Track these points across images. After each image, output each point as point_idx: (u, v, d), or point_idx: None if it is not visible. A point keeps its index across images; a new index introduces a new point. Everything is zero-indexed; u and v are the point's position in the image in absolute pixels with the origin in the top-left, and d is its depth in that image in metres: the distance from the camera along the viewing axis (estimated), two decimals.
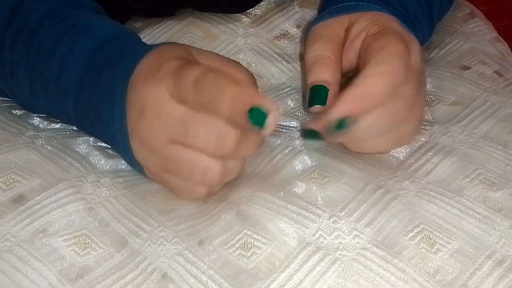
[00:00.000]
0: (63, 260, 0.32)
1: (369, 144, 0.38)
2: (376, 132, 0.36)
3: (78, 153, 0.39)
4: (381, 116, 0.35)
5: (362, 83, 0.34)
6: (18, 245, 0.33)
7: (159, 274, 0.32)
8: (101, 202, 0.35)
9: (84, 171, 0.38)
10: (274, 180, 0.37)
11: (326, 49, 0.38)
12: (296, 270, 0.32)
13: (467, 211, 0.35)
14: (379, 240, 0.33)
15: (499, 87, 0.45)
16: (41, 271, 0.32)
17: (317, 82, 0.37)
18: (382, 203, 0.35)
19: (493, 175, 0.37)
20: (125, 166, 0.39)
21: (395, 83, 0.34)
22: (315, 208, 0.35)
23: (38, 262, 0.32)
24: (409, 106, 0.36)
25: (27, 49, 0.39)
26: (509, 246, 0.33)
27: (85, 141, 0.40)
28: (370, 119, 0.35)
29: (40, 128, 0.42)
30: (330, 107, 0.35)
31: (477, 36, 0.51)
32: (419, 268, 0.32)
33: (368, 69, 0.35)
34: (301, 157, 0.39)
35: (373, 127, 0.36)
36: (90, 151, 0.40)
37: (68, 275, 0.32)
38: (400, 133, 0.37)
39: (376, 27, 0.37)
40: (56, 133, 0.41)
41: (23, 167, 0.37)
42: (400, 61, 0.35)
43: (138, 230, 0.34)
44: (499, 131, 0.41)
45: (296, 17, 0.50)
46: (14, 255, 0.32)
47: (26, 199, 0.35)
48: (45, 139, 0.40)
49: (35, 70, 0.38)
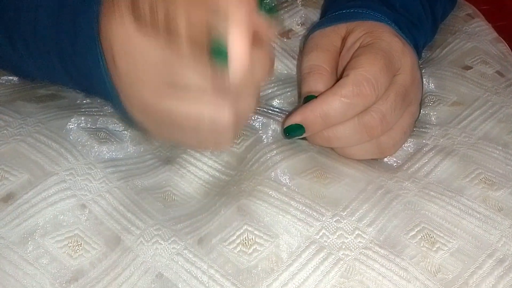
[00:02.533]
0: (55, 263, 0.32)
1: (350, 151, 0.38)
2: (354, 142, 0.37)
3: (67, 140, 0.38)
4: (354, 128, 0.36)
5: (325, 99, 0.35)
6: (8, 248, 0.32)
7: (153, 274, 0.31)
8: (93, 198, 0.35)
9: (74, 161, 0.36)
10: (277, 171, 0.37)
11: (321, 59, 0.39)
12: (300, 269, 0.32)
13: (467, 211, 0.35)
14: (381, 240, 0.33)
15: (500, 87, 0.46)
16: (33, 275, 0.31)
17: (310, 92, 0.38)
18: (383, 202, 0.35)
19: (493, 174, 0.38)
20: (118, 153, 0.38)
21: (358, 105, 0.35)
22: (318, 207, 0.35)
23: (29, 265, 0.31)
24: (388, 120, 0.36)
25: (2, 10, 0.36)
26: (509, 245, 0.33)
27: (74, 123, 0.39)
28: (342, 130, 0.36)
29: (26, 115, 0.39)
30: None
31: (479, 36, 0.51)
32: (421, 266, 0.32)
33: (335, 87, 0.36)
34: (305, 155, 0.38)
35: (347, 138, 0.37)
36: (80, 136, 0.38)
37: (61, 279, 0.31)
38: (381, 143, 0.37)
39: (369, 39, 0.38)
40: (43, 115, 0.39)
41: (11, 163, 0.36)
42: (367, 85, 0.35)
43: (130, 226, 0.33)
44: (499, 131, 0.41)
45: (299, 15, 0.50)
46: (3, 258, 0.32)
47: (15, 198, 0.34)
48: (32, 126, 0.38)
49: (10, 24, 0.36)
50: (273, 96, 0.44)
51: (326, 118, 0.36)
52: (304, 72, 0.39)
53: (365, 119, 0.36)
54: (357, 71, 0.35)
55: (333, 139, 0.37)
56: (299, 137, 0.38)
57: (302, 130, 0.37)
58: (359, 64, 0.36)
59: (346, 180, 0.37)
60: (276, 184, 0.36)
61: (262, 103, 0.43)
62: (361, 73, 0.35)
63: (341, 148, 0.38)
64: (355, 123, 0.36)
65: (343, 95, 0.35)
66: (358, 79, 0.35)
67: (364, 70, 0.35)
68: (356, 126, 0.36)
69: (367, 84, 0.35)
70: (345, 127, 0.36)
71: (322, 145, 0.39)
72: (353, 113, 0.36)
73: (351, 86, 0.35)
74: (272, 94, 0.45)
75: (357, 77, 0.35)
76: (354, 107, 0.35)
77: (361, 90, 0.35)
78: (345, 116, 0.36)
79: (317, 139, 0.38)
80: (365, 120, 0.36)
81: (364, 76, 0.35)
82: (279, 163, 0.37)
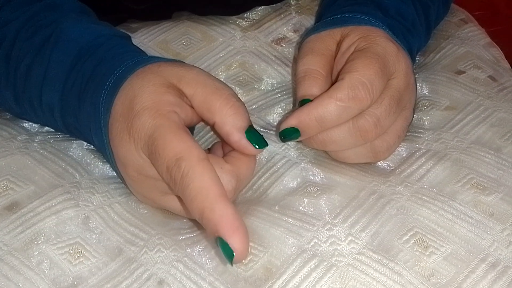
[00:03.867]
0: (55, 269, 0.32)
1: (344, 155, 0.38)
2: (349, 145, 0.37)
3: (72, 158, 0.39)
4: (349, 132, 0.36)
5: (320, 102, 0.35)
6: (10, 254, 0.33)
7: (155, 281, 0.32)
8: (95, 210, 0.35)
9: (79, 176, 0.37)
10: (269, 196, 0.37)
11: (316, 63, 0.39)
12: (292, 276, 0.32)
13: (459, 215, 0.35)
14: (375, 245, 0.33)
15: (493, 92, 0.46)
16: (33, 280, 0.32)
17: (305, 96, 0.38)
18: (376, 208, 0.36)
19: (485, 179, 0.38)
20: None
21: (353, 108, 0.35)
22: (309, 218, 0.35)
23: (30, 271, 0.32)
24: (382, 124, 0.36)
25: (6, 67, 0.38)
26: (501, 250, 0.34)
27: (79, 144, 0.40)
28: (337, 134, 0.36)
29: (32, 132, 0.41)
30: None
31: (472, 40, 0.52)
32: (415, 271, 0.32)
33: (330, 91, 0.36)
34: (295, 169, 0.39)
35: (342, 141, 0.37)
36: (84, 155, 0.39)
37: (60, 285, 0.32)
38: (375, 147, 0.38)
39: (364, 43, 0.38)
40: (49, 136, 0.41)
41: (17, 174, 0.37)
42: (362, 89, 0.35)
43: (134, 239, 0.34)
44: (491, 136, 0.42)
45: (293, 22, 0.51)
46: (5, 264, 0.32)
47: (20, 207, 0.35)
48: (38, 143, 0.40)
49: (17, 88, 0.38)
50: (266, 106, 0.45)
51: (322, 121, 0.36)
52: (299, 76, 0.39)
53: (360, 123, 0.36)
54: (352, 75, 0.35)
55: (328, 142, 0.37)
56: (294, 140, 0.38)
57: (297, 134, 0.36)
58: (354, 68, 0.36)
59: (338, 189, 0.37)
60: (269, 205, 0.36)
61: (253, 116, 0.43)
62: (356, 77, 0.35)
63: (335, 152, 0.39)
64: (349, 126, 0.36)
65: (338, 99, 0.35)
66: (353, 83, 0.35)
67: (359, 74, 0.35)
68: (351, 129, 0.36)
69: (362, 88, 0.35)
70: (339, 131, 0.36)
71: (317, 148, 0.39)
72: (348, 117, 0.36)
73: (346, 90, 0.35)
74: (265, 105, 0.45)
75: (352, 81, 0.35)
76: (349, 110, 0.35)
77: (356, 93, 0.35)
78: (340, 119, 0.36)
79: (312, 142, 0.38)
80: (360, 123, 0.36)
81: (359, 80, 0.35)
82: (270, 188, 0.38)
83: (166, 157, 0.30)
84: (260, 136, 0.34)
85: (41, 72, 0.37)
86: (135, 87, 0.33)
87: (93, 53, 0.36)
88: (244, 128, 0.33)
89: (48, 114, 0.38)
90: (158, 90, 0.32)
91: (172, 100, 0.32)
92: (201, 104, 0.33)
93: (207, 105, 0.33)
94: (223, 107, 0.33)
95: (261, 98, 0.45)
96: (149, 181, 0.33)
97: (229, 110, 0.33)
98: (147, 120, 0.31)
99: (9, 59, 0.38)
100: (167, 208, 0.35)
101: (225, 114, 0.33)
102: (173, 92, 0.33)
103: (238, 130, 0.33)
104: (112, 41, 0.37)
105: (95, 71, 0.36)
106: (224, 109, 0.33)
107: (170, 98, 0.32)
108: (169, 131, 0.30)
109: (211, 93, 0.33)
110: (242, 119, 0.33)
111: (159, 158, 0.30)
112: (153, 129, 0.31)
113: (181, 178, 0.29)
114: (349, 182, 0.38)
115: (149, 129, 0.31)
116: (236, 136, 0.33)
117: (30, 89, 0.38)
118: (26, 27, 0.38)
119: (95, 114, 0.35)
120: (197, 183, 0.29)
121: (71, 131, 0.39)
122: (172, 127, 0.31)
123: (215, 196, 0.28)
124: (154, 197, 0.34)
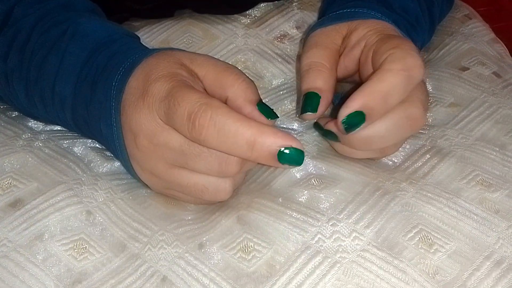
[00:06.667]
0: (60, 265, 0.32)
1: (352, 150, 0.38)
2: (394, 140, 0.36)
3: (75, 155, 0.39)
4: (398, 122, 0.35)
5: (381, 77, 0.33)
6: (15, 251, 0.33)
7: (158, 278, 0.32)
8: (98, 206, 0.35)
9: (81, 173, 0.38)
10: (272, 187, 0.37)
11: (321, 57, 0.39)
12: (296, 273, 0.32)
13: (464, 213, 0.35)
14: (379, 242, 0.33)
15: (497, 88, 0.46)
16: (38, 276, 0.32)
17: (310, 89, 0.37)
18: (381, 204, 0.35)
19: (490, 176, 0.38)
20: (122, 169, 0.39)
21: (414, 78, 0.33)
22: (313, 213, 0.35)
23: (35, 267, 0.32)
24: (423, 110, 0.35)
25: (20, 59, 0.39)
26: (506, 247, 0.33)
27: (82, 143, 0.40)
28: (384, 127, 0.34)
29: (36, 130, 0.42)
30: (321, 114, 0.36)
31: (476, 37, 0.51)
32: (419, 268, 0.32)
33: (386, 64, 0.34)
34: None
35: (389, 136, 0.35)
36: (88, 153, 0.40)
37: (65, 281, 0.32)
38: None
39: (376, 36, 0.37)
40: (53, 135, 0.41)
41: (20, 171, 0.37)
42: (416, 57, 0.34)
43: (137, 235, 0.34)
44: (496, 133, 0.41)
45: (295, 19, 0.50)
46: (11, 260, 0.32)
47: (23, 203, 0.35)
48: (42, 142, 0.40)
49: (29, 80, 0.39)
50: (269, 104, 0.43)
51: (387, 98, 0.33)
52: (304, 69, 0.39)
53: (410, 111, 0.34)
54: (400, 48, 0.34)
55: (374, 138, 0.35)
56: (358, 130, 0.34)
57: (362, 119, 0.33)
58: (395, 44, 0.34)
59: (342, 184, 0.37)
60: (272, 197, 0.36)
61: None
62: (405, 48, 0.34)
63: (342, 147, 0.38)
64: (399, 116, 0.34)
65: (400, 69, 0.33)
66: (405, 53, 0.34)
67: (406, 46, 0.34)
68: (401, 119, 0.34)
69: (417, 56, 0.34)
70: (388, 122, 0.34)
71: (358, 148, 0.37)
72: (411, 88, 0.34)
73: (402, 60, 0.33)
74: (268, 103, 0.43)
75: (404, 52, 0.34)
76: (412, 81, 0.33)
77: (414, 62, 0.33)
78: (405, 93, 0.33)
79: (354, 142, 0.36)
80: (410, 112, 0.34)
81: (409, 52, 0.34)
82: (274, 180, 0.37)
83: (187, 104, 0.30)
84: (270, 109, 0.34)
85: (56, 63, 0.37)
86: (151, 64, 0.34)
87: (108, 48, 0.37)
88: (256, 101, 0.33)
89: (58, 106, 0.38)
90: (173, 65, 0.33)
91: (186, 75, 0.33)
92: (213, 82, 0.34)
93: (219, 83, 0.34)
94: (234, 82, 0.33)
95: (263, 96, 0.45)
96: (159, 150, 0.33)
97: (240, 84, 0.33)
98: (163, 84, 0.32)
99: (24, 52, 0.39)
100: (172, 186, 0.34)
101: (237, 88, 0.33)
102: (186, 70, 0.34)
103: (250, 103, 0.33)
104: (125, 39, 0.38)
105: (109, 62, 0.36)
106: (235, 84, 0.33)
107: (184, 73, 0.33)
108: (186, 87, 0.31)
109: (222, 70, 0.34)
110: (253, 93, 0.34)
111: (178, 109, 0.30)
112: (170, 88, 0.31)
113: (210, 119, 0.30)
114: (353, 177, 0.37)
115: (165, 90, 0.32)
116: (249, 108, 0.33)
117: (43, 80, 0.38)
118: (41, 22, 0.39)
119: (106, 99, 0.35)
120: (235, 117, 0.30)
121: (78, 125, 0.39)
122: (188, 86, 0.32)
123: (258, 123, 0.30)
124: (161, 171, 0.34)
